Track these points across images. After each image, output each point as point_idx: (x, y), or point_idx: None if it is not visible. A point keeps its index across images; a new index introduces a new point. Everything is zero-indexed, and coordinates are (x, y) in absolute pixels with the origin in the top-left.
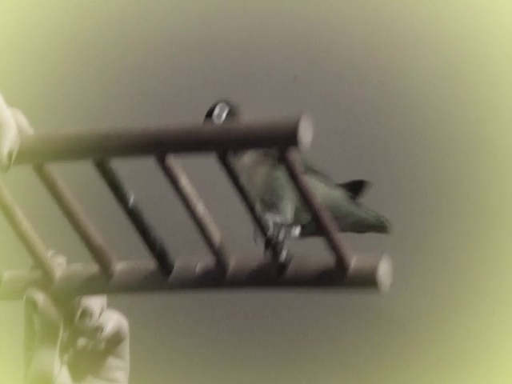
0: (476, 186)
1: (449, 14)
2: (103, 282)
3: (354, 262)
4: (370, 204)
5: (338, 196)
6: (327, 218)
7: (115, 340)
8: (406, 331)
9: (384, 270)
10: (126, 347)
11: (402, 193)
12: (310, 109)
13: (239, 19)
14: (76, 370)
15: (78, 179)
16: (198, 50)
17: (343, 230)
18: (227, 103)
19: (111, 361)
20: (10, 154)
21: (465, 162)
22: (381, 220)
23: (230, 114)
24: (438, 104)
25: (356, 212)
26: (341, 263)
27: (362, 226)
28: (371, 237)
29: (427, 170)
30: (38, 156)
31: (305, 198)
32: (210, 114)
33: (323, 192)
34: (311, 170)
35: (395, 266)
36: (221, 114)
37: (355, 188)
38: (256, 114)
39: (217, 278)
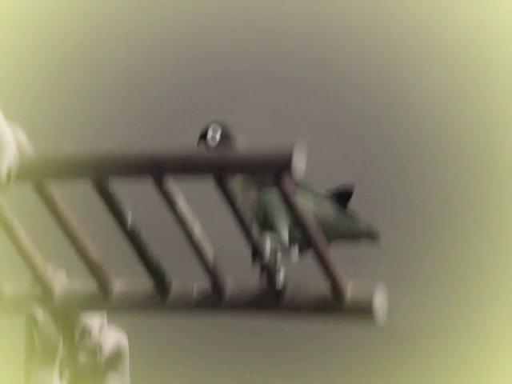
0: (476, 199)
1: (450, 31)
2: (102, 300)
3: (350, 291)
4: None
5: (328, 210)
6: (322, 244)
7: (115, 357)
8: (407, 342)
9: (380, 302)
10: (125, 364)
11: (403, 204)
12: (310, 120)
13: (241, 31)
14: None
15: (78, 197)
16: (197, 55)
17: (335, 240)
18: (219, 124)
19: (111, 378)
20: (9, 173)
21: (465, 177)
22: (370, 229)
23: (223, 135)
24: (434, 118)
25: (346, 223)
26: (337, 292)
27: (353, 236)
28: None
29: (429, 183)
30: (38, 175)
31: (300, 224)
32: (203, 136)
33: (314, 209)
34: (299, 186)
35: (395, 278)
36: (215, 136)
37: (343, 195)
38: (251, 130)
39: (214, 302)
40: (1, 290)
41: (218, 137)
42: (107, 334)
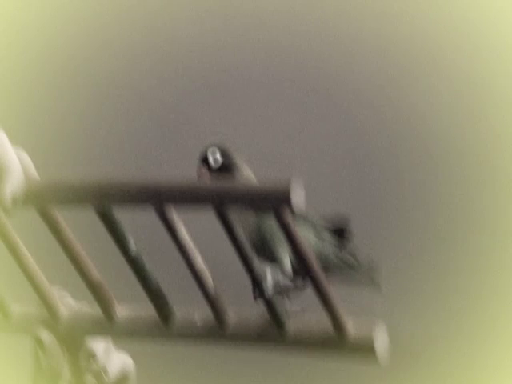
0: (479, 222)
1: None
2: (106, 325)
3: (351, 329)
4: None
5: (329, 245)
6: (323, 280)
7: (120, 381)
8: (413, 355)
9: (381, 341)
10: None
11: (409, 221)
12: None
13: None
14: None
15: (82, 222)
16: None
17: (334, 276)
18: (217, 147)
19: None
20: (13, 198)
21: (467, 202)
22: (372, 278)
23: (224, 156)
24: (435, 145)
25: (347, 269)
26: (339, 329)
27: (353, 277)
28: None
29: (428, 207)
30: (42, 201)
31: (300, 258)
32: (203, 159)
33: (315, 243)
34: (299, 216)
35: (400, 293)
36: (216, 158)
37: (342, 231)
38: (251, 147)
39: (217, 333)
40: (9, 311)
41: (219, 159)
42: (113, 357)
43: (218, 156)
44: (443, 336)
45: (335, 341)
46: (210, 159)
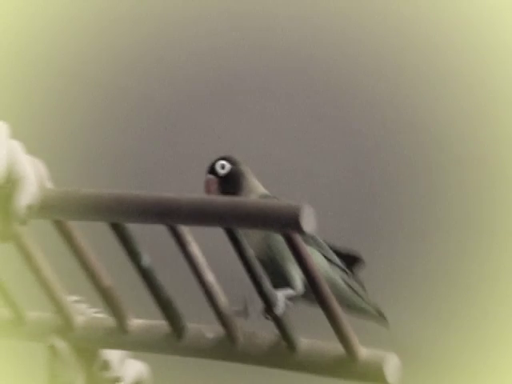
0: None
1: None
2: (119, 337)
3: (361, 352)
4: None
5: (338, 275)
6: (335, 305)
7: None
8: (417, 359)
9: (392, 368)
10: None
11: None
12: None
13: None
14: None
15: (96, 235)
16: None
17: (342, 306)
18: (226, 159)
19: None
20: (28, 209)
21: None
22: (379, 315)
23: (231, 164)
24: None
25: (355, 301)
26: (349, 353)
27: (360, 315)
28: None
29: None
30: (57, 212)
31: (312, 282)
32: (211, 171)
33: (323, 269)
34: (311, 240)
35: (407, 294)
36: (223, 165)
37: (352, 260)
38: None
39: (228, 350)
40: (24, 318)
41: (226, 166)
42: (128, 365)
43: (226, 164)
44: (444, 335)
45: (345, 364)
46: (217, 166)
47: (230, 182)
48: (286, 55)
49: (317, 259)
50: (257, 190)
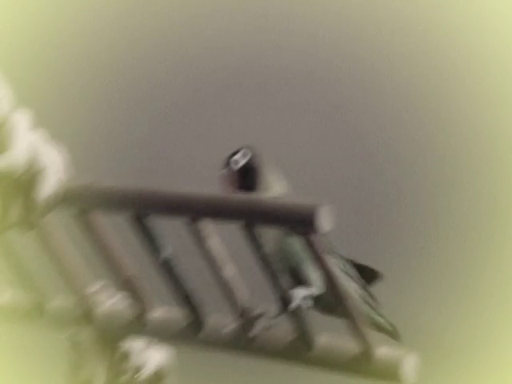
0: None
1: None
2: (139, 326)
3: (379, 354)
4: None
5: (352, 292)
6: (351, 305)
7: (156, 379)
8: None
9: (408, 369)
10: None
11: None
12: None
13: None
14: None
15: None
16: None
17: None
18: (250, 150)
19: None
20: (49, 200)
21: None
22: (391, 329)
23: (251, 161)
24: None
25: (369, 312)
26: (366, 353)
27: (372, 327)
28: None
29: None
30: (78, 204)
31: (329, 282)
32: (230, 158)
33: (344, 280)
34: (330, 250)
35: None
36: (239, 161)
37: (369, 275)
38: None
39: (245, 345)
40: (44, 308)
41: (242, 161)
42: (149, 354)
43: (242, 157)
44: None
45: (361, 362)
46: (233, 160)
47: (246, 176)
48: (305, 47)
49: (338, 269)
50: (273, 184)
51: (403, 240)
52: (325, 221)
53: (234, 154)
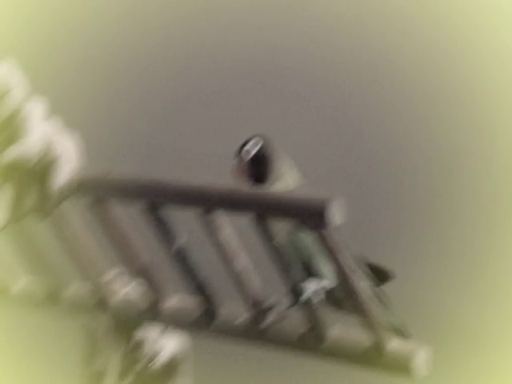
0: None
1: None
2: (153, 314)
3: (391, 347)
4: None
5: (368, 287)
6: (364, 297)
7: (171, 367)
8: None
9: (420, 363)
10: (184, 373)
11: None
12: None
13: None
14: None
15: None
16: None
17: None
18: (261, 139)
19: None
20: (63, 189)
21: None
22: (402, 328)
23: (262, 150)
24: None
25: (381, 311)
26: (377, 347)
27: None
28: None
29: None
30: (93, 193)
31: (341, 275)
32: (242, 148)
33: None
34: (342, 245)
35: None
36: (250, 150)
37: (379, 274)
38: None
39: (256, 335)
40: (61, 294)
41: (253, 151)
42: (164, 342)
43: (253, 146)
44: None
45: (373, 355)
46: (245, 149)
47: (257, 165)
48: (317, 37)
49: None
50: (284, 173)
51: (412, 231)
52: (336, 215)
53: (246, 143)
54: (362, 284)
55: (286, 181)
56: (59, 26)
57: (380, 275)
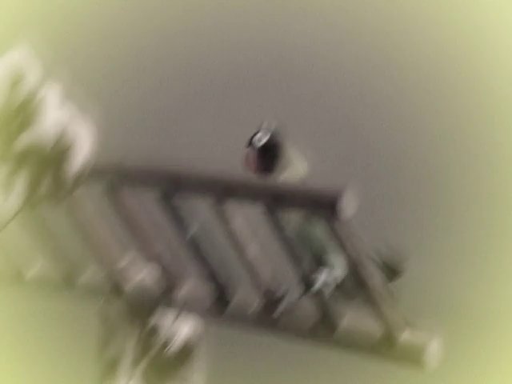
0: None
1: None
2: (168, 300)
3: (402, 338)
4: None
5: (380, 277)
6: (378, 286)
7: (185, 353)
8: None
9: (432, 353)
10: (196, 359)
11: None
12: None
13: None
14: (149, 380)
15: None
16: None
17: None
18: (271, 128)
19: (184, 371)
20: (78, 175)
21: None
22: (408, 320)
23: (272, 139)
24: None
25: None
26: (389, 337)
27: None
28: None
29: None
30: (107, 180)
31: (352, 266)
32: (252, 137)
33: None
34: (354, 235)
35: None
36: (261, 138)
37: (391, 264)
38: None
39: (268, 324)
40: (76, 279)
41: (264, 139)
42: (179, 327)
43: (263, 136)
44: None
45: (385, 346)
46: (255, 139)
47: (267, 154)
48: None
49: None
50: (294, 161)
51: (423, 218)
52: (348, 206)
53: (256, 133)
54: (374, 275)
55: (295, 169)
56: (73, 11)
57: (391, 267)
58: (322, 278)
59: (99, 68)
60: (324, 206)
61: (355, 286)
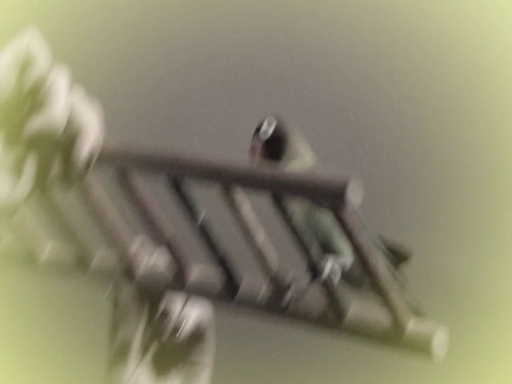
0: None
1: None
2: (178, 285)
3: (410, 327)
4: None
5: (386, 266)
6: (384, 278)
7: (195, 336)
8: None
9: (440, 343)
10: (207, 343)
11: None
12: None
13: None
14: (159, 365)
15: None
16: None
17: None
18: (274, 118)
19: (193, 356)
20: (87, 161)
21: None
22: (419, 308)
23: (277, 129)
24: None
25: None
26: (397, 326)
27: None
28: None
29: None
30: (116, 165)
31: (359, 254)
32: (258, 129)
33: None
34: (360, 224)
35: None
36: (267, 130)
37: (397, 253)
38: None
39: (276, 312)
40: (88, 263)
41: (268, 130)
42: (187, 314)
43: (271, 129)
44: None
45: (392, 335)
46: (262, 129)
47: (273, 146)
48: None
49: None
50: (300, 152)
51: (428, 207)
52: (355, 194)
53: (261, 124)
54: (381, 263)
55: (301, 160)
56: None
57: (398, 255)
58: (330, 266)
59: (107, 52)
60: (331, 194)
61: (362, 273)
